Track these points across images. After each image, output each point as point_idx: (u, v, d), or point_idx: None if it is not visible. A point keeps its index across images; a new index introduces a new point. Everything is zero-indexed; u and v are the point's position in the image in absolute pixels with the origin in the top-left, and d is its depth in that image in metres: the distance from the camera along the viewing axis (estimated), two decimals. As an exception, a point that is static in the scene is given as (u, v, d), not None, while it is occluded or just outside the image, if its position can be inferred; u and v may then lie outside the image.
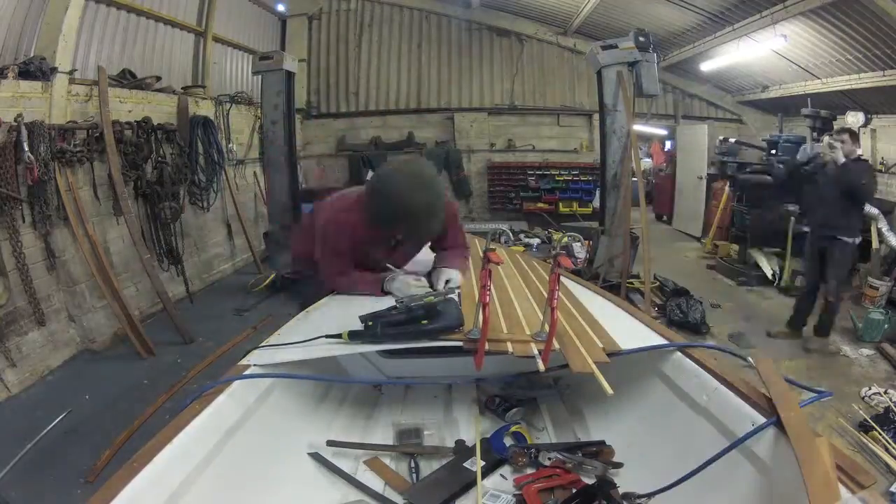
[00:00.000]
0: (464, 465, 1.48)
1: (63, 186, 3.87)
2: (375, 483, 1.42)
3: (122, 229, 4.52)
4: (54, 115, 3.91)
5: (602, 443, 1.53)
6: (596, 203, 7.44)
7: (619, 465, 1.42)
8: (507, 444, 1.55)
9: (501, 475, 1.45)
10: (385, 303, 1.62)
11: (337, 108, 9.06)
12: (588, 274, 5.05)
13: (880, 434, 2.74)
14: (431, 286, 1.92)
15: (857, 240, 3.86)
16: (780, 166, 5.88)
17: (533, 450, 1.47)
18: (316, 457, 1.49)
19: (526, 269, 2.38)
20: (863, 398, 3.22)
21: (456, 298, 1.72)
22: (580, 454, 1.46)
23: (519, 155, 8.89)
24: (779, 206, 5.56)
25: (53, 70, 3.88)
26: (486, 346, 1.39)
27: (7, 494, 2.36)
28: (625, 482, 1.38)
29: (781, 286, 5.40)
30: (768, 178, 5.80)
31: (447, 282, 1.96)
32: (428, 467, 1.50)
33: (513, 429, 1.61)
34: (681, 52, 7.70)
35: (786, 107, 7.46)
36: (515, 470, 1.45)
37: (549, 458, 1.43)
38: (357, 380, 2.03)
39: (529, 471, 1.43)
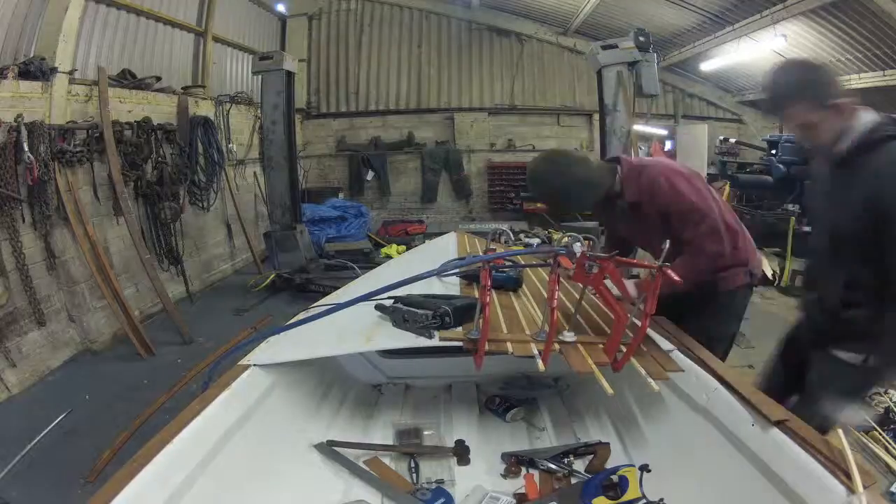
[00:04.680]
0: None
1: (63, 187, 3.86)
2: (375, 483, 1.42)
3: (122, 229, 4.52)
4: (54, 116, 3.90)
5: (598, 442, 1.53)
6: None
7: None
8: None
9: (501, 475, 1.46)
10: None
11: (337, 107, 9.06)
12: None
13: (880, 434, 2.74)
14: None
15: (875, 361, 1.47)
16: (781, 166, 5.89)
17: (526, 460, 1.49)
18: (316, 457, 1.49)
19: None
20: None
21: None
22: (572, 458, 1.48)
23: (519, 155, 8.87)
24: (779, 206, 5.57)
25: (53, 70, 3.88)
26: (486, 346, 1.40)
27: (7, 494, 2.36)
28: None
29: (781, 286, 5.40)
30: (768, 178, 5.80)
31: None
32: (428, 467, 1.50)
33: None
34: (681, 52, 7.69)
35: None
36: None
37: (543, 466, 1.45)
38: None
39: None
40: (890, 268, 1.30)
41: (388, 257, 5.86)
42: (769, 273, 5.60)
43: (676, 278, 1.31)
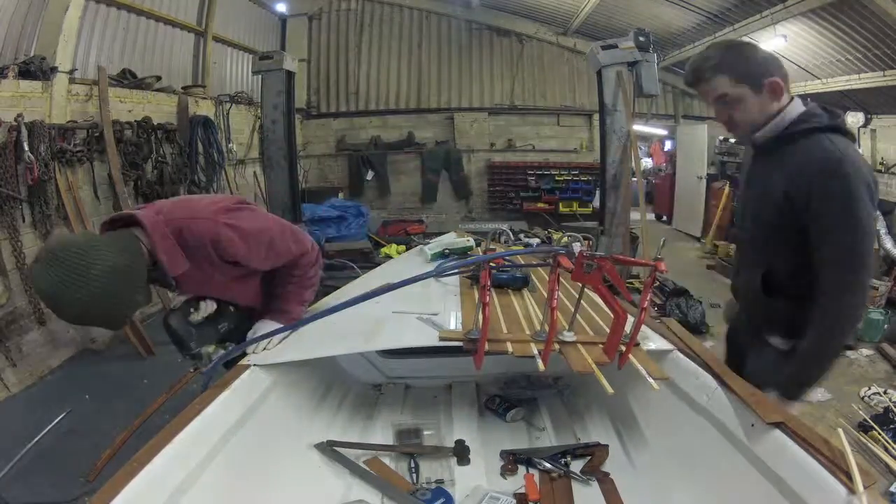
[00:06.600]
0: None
1: (63, 186, 3.86)
2: (375, 483, 1.42)
3: (122, 229, 4.52)
4: (54, 115, 3.90)
5: (597, 444, 1.53)
6: (596, 203, 7.43)
7: (606, 474, 1.42)
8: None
9: (501, 476, 1.46)
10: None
11: (337, 107, 9.06)
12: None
13: (880, 434, 2.74)
14: None
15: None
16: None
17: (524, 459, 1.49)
18: (316, 457, 1.49)
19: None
20: (862, 398, 3.22)
21: None
22: (570, 458, 1.48)
23: (519, 155, 8.89)
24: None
25: (53, 70, 3.88)
26: (486, 346, 1.40)
27: (7, 494, 2.36)
28: (625, 483, 1.39)
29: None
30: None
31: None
32: (428, 467, 1.50)
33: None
34: (681, 51, 7.69)
35: (786, 107, 7.46)
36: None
37: (541, 466, 1.45)
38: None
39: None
40: (818, 263, 1.27)
41: (388, 257, 5.86)
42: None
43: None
